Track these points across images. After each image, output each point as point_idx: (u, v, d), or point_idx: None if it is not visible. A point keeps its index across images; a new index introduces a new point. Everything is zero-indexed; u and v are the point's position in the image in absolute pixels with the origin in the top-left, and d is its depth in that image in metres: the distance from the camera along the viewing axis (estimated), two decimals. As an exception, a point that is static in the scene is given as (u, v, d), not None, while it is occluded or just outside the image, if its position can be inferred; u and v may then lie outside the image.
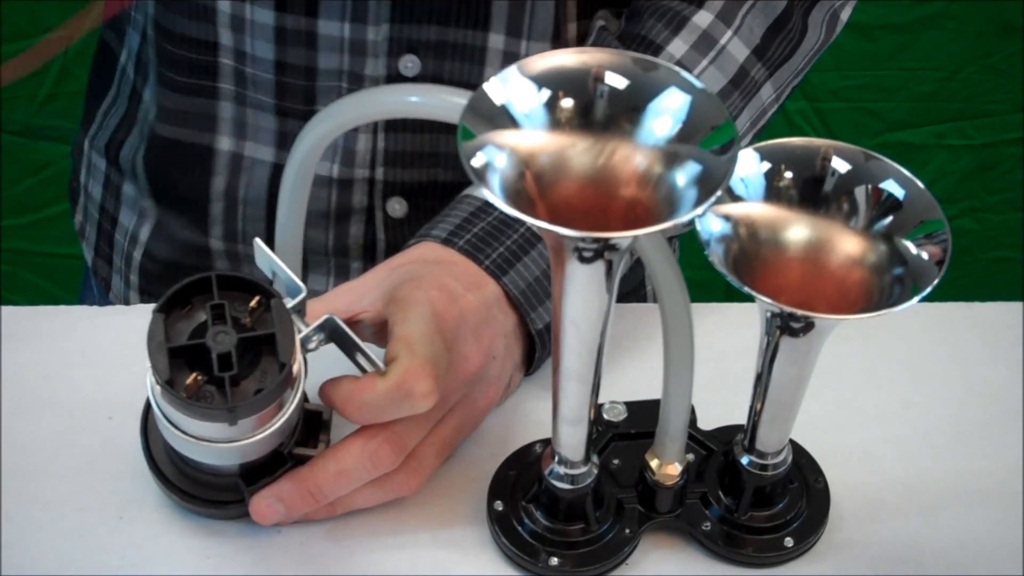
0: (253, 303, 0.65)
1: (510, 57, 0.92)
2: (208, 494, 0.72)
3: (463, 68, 0.93)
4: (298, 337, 0.67)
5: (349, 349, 0.69)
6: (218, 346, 0.63)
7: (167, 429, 0.67)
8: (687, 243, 1.56)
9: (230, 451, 0.67)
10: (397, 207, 0.98)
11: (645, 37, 0.88)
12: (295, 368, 0.65)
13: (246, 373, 0.64)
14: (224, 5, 0.92)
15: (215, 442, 0.66)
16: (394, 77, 0.92)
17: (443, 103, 0.61)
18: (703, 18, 0.88)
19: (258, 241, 0.69)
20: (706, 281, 1.60)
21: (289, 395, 0.67)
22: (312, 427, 0.73)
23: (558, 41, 0.93)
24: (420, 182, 0.97)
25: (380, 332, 0.74)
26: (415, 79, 0.93)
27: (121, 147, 1.05)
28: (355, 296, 0.75)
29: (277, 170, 0.97)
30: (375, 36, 0.91)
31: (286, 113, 0.96)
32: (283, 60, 0.93)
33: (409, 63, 0.92)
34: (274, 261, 0.68)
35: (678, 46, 0.87)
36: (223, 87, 0.96)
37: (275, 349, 0.64)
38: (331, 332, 0.68)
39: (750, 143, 0.70)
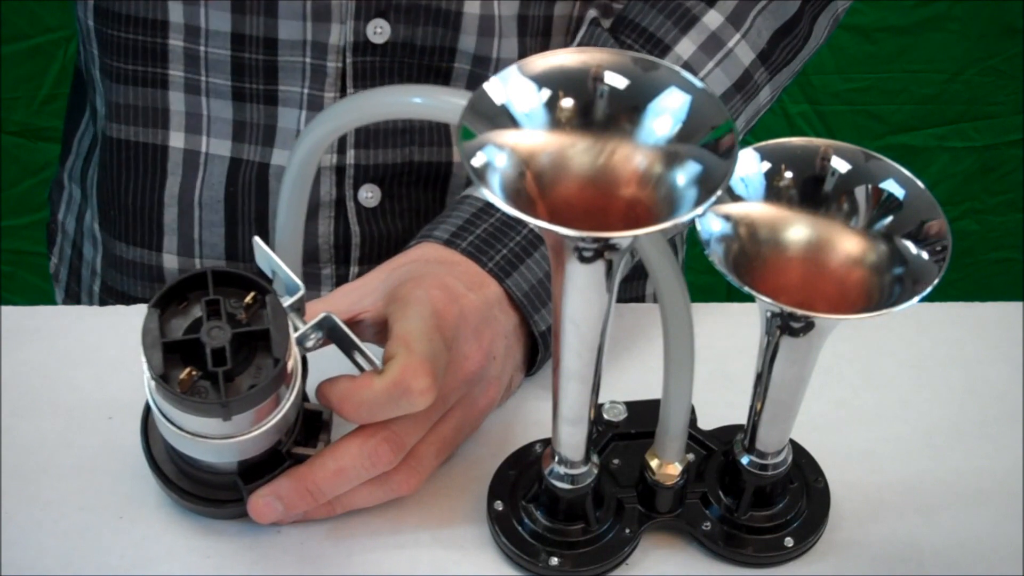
0: (248, 299, 0.65)
1: (486, 21, 0.90)
2: (208, 493, 0.72)
3: (437, 33, 0.90)
4: (294, 335, 0.67)
5: (347, 347, 0.69)
6: (212, 341, 0.63)
7: (164, 426, 0.67)
8: (688, 247, 1.57)
9: (227, 448, 0.67)
10: (369, 195, 0.94)
11: (653, 34, 0.87)
12: (290, 364, 0.65)
13: (241, 369, 0.64)
14: None
15: (211, 438, 0.66)
16: (361, 44, 0.89)
17: (446, 104, 0.61)
18: (713, 19, 0.87)
19: (257, 240, 0.69)
20: (708, 285, 1.61)
21: (285, 392, 0.67)
22: (312, 427, 0.73)
23: (534, 1, 0.91)
24: (394, 164, 0.94)
25: (381, 332, 0.74)
26: (384, 45, 0.89)
27: (88, 170, 1.03)
28: (356, 296, 0.75)
29: (235, 165, 0.94)
30: None
31: (243, 97, 0.92)
32: (241, 31, 0.89)
33: (378, 28, 0.88)
34: (273, 260, 0.68)
35: (686, 46, 0.86)
36: (173, 74, 0.92)
37: (270, 345, 0.64)
38: (329, 330, 0.68)
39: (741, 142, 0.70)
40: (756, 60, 0.88)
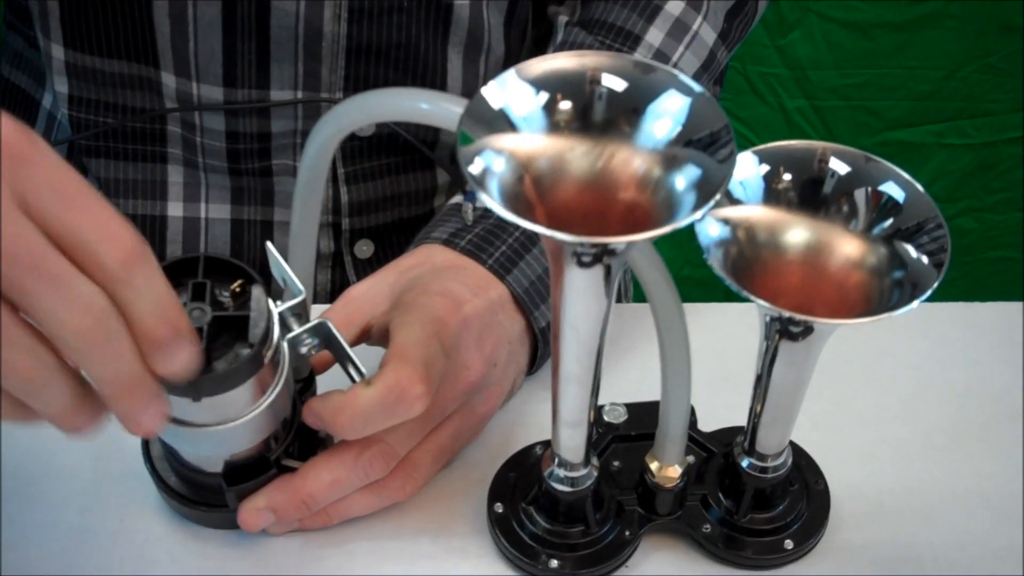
0: (235, 287, 0.65)
1: None
2: (202, 497, 0.71)
3: (419, 126, 0.94)
4: (288, 335, 0.66)
5: (340, 358, 0.69)
6: (191, 321, 0.63)
7: None
8: (687, 241, 1.56)
9: (205, 438, 0.66)
10: (364, 248, 0.99)
11: (622, 28, 0.89)
12: (267, 354, 0.64)
13: (219, 354, 0.63)
14: (169, 79, 0.91)
15: (188, 425, 0.65)
16: (348, 135, 0.92)
17: (450, 113, 0.60)
18: (674, 6, 0.90)
19: (270, 246, 0.68)
20: (706, 280, 1.60)
21: (268, 385, 0.66)
22: (308, 444, 0.72)
23: None
24: (385, 224, 0.99)
25: (387, 338, 0.74)
26: (370, 137, 0.95)
27: None
28: (367, 309, 0.75)
29: (237, 225, 0.98)
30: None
31: (240, 173, 0.96)
32: (235, 130, 0.93)
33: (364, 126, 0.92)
34: (281, 265, 0.68)
35: (655, 35, 0.89)
36: (172, 152, 0.96)
37: None
38: (324, 338, 0.68)
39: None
40: (717, 40, 0.92)
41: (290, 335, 0.67)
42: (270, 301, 0.65)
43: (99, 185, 0.98)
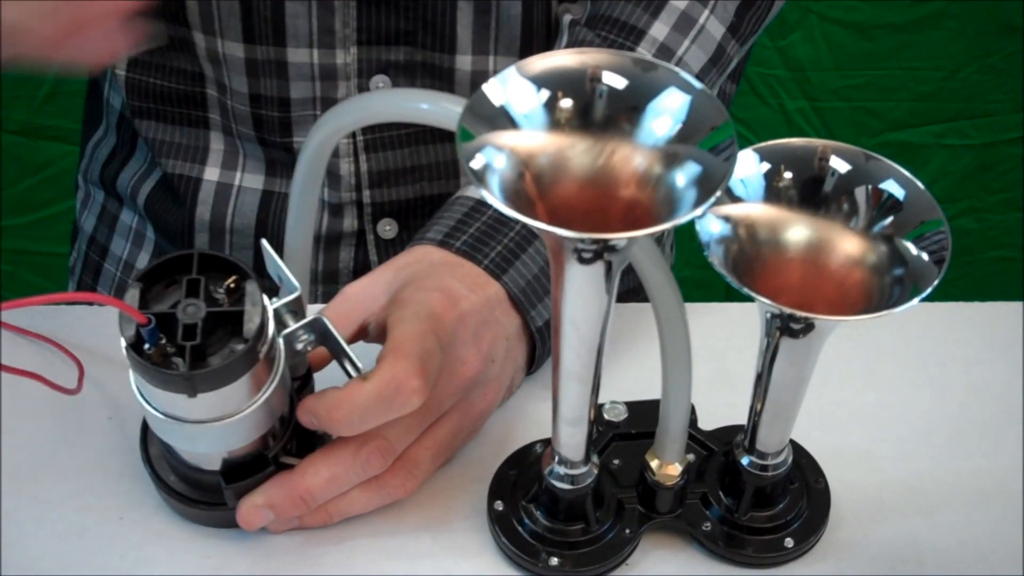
0: (230, 282, 0.65)
1: (479, 76, 0.94)
2: (201, 495, 0.71)
3: (433, 86, 0.94)
4: (284, 331, 0.66)
5: (337, 353, 0.69)
6: (186, 317, 0.63)
7: (145, 409, 0.66)
8: (687, 242, 1.56)
9: (205, 435, 0.66)
10: (388, 228, 0.99)
11: (626, 23, 0.89)
12: (263, 350, 0.64)
13: (215, 350, 0.64)
14: (199, 38, 0.93)
15: (185, 421, 0.66)
16: None
17: (450, 113, 0.60)
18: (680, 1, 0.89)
19: (264, 243, 0.69)
20: (706, 280, 1.60)
21: (261, 383, 0.66)
22: (306, 443, 0.72)
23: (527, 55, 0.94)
24: (408, 199, 0.99)
25: (384, 334, 0.74)
26: None
27: (117, 176, 1.07)
28: (369, 302, 0.75)
29: (267, 196, 0.99)
30: (344, 59, 0.92)
31: (266, 143, 0.97)
32: (257, 92, 0.94)
33: (380, 83, 0.94)
34: (276, 262, 0.68)
35: (660, 28, 0.88)
36: (212, 117, 0.98)
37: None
38: (320, 334, 0.68)
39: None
40: (727, 33, 0.90)
41: (286, 331, 0.67)
42: (265, 297, 0.65)
43: (147, 145, 1.01)
